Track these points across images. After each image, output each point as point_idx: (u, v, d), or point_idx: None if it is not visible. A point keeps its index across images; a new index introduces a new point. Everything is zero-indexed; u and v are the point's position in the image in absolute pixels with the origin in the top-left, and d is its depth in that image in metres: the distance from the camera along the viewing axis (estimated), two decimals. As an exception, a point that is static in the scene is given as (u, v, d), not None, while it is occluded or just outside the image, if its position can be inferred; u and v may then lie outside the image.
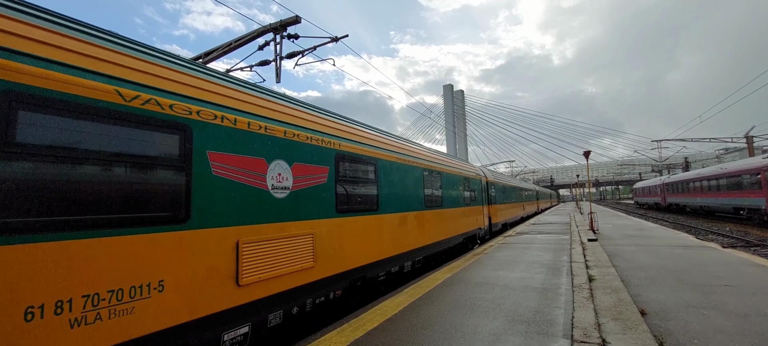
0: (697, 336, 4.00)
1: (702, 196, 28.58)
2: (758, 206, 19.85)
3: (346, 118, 6.48)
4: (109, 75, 2.82)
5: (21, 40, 2.42)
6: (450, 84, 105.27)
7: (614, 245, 11.18)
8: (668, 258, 8.56)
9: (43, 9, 2.87)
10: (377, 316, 4.64)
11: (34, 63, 2.42)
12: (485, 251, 10.00)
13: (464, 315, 4.58)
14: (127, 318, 2.68)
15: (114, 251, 2.65)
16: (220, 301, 3.39)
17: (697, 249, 9.69)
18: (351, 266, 5.42)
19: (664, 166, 58.30)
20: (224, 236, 3.48)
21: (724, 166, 25.57)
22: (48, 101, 2.44)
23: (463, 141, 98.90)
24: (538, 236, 13.67)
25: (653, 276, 6.84)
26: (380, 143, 6.90)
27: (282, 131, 4.38)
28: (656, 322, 4.47)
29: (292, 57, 10.45)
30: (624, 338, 3.68)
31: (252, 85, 4.70)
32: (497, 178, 18.77)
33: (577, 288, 5.67)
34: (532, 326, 4.09)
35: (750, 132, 33.63)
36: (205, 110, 3.47)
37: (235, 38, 10.19)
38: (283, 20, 9.79)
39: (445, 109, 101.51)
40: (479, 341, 3.75)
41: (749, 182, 20.99)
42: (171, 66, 3.49)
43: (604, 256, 8.79)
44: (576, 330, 3.92)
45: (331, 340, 3.87)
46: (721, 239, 15.75)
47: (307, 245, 4.51)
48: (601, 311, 4.57)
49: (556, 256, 8.85)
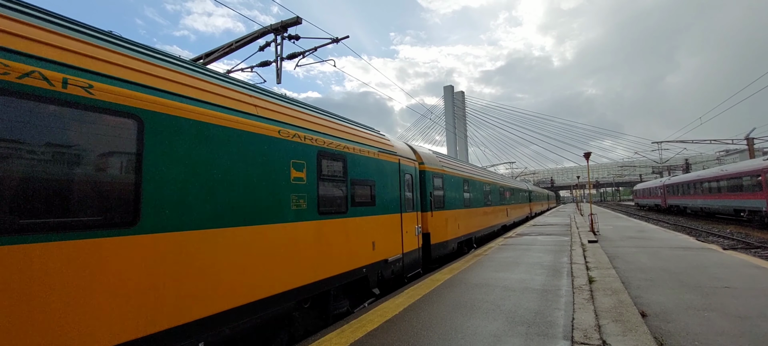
0: (698, 338, 4.00)
1: (702, 198, 28.55)
2: (759, 207, 19.82)
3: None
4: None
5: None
6: (450, 85, 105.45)
7: (614, 246, 11.17)
8: (669, 260, 8.55)
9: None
10: (377, 317, 4.64)
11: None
12: (485, 253, 9.99)
13: (464, 316, 4.57)
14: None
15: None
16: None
17: (697, 251, 9.68)
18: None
19: (665, 167, 58.27)
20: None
21: (724, 168, 25.56)
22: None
23: (464, 142, 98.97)
24: (539, 237, 13.66)
25: (654, 278, 6.83)
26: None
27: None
28: (657, 323, 4.46)
29: (292, 58, 10.47)
30: (624, 340, 3.67)
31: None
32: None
33: (578, 290, 5.67)
34: (532, 328, 4.09)
35: (750, 134, 33.65)
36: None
37: (235, 39, 10.22)
38: (284, 21, 9.81)
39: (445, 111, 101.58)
40: (479, 342, 3.75)
41: (750, 183, 20.97)
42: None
43: (604, 257, 8.79)
44: (576, 332, 3.92)
45: (332, 341, 3.87)
46: (721, 241, 15.73)
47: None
48: (602, 312, 4.57)
49: (556, 257, 8.85)
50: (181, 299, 3.08)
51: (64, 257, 2.42)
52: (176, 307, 3.04)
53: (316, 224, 4.82)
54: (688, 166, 52.08)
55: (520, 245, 11.56)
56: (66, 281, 2.42)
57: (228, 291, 3.50)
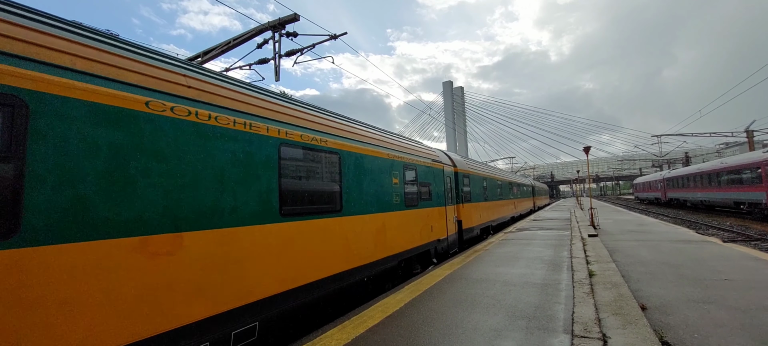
0: (698, 330, 4.01)
1: (702, 191, 28.58)
2: (758, 200, 19.85)
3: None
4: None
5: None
6: (449, 81, 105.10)
7: (614, 240, 11.19)
8: (669, 253, 8.57)
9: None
10: (378, 312, 4.66)
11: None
12: (486, 248, 10.01)
13: (465, 311, 4.59)
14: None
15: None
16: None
17: (697, 244, 9.70)
18: None
19: (665, 161, 58.26)
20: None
21: (724, 161, 25.56)
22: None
23: (463, 138, 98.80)
24: (539, 232, 13.68)
25: (654, 271, 6.85)
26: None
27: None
28: (657, 316, 4.48)
29: (290, 55, 10.43)
30: (624, 333, 3.68)
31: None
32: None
33: (578, 284, 5.68)
34: (532, 322, 4.10)
35: (750, 126, 33.60)
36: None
37: (233, 37, 10.16)
38: (281, 18, 9.76)
39: (444, 106, 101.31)
40: (480, 336, 3.76)
41: (749, 176, 20.99)
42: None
43: (604, 251, 8.81)
44: (576, 325, 3.93)
45: (333, 337, 3.88)
46: (721, 234, 15.77)
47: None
48: (602, 306, 4.58)
49: (556, 252, 8.87)
50: (380, 246, 6.21)
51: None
52: (385, 247, 6.38)
53: (404, 212, 7.41)
54: (688, 159, 52.06)
55: (521, 239, 11.58)
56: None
57: (389, 248, 6.64)
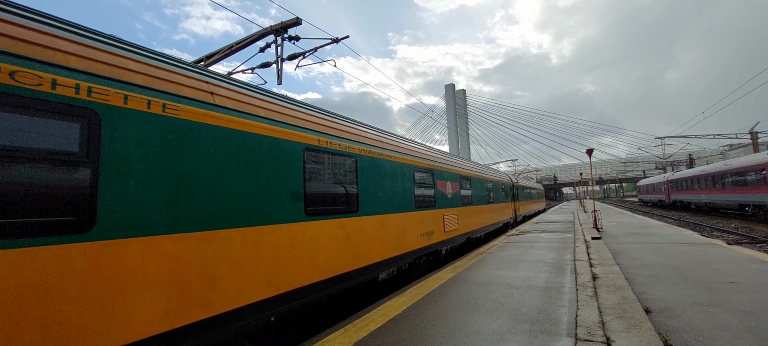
0: (702, 334, 3.98)
1: (706, 193, 28.37)
2: (763, 202, 19.69)
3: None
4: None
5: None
6: (452, 84, 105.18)
7: (618, 243, 11.13)
8: (673, 256, 8.51)
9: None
10: (380, 316, 4.65)
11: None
12: (489, 251, 9.98)
13: (468, 315, 4.58)
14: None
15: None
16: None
17: (701, 246, 9.63)
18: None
19: (668, 163, 57.93)
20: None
21: (728, 163, 25.38)
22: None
23: (466, 140, 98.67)
24: (542, 234, 13.63)
25: (658, 274, 6.80)
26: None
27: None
28: (661, 320, 4.45)
29: (293, 59, 10.49)
30: (628, 337, 3.66)
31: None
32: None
33: (581, 287, 5.65)
34: (535, 326, 4.09)
35: (754, 128, 33.35)
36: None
37: (236, 41, 10.25)
38: (284, 22, 9.83)
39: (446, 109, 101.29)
40: (483, 340, 3.75)
41: (754, 178, 20.83)
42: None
43: (607, 254, 8.76)
44: (580, 329, 3.91)
45: (335, 340, 3.88)
46: (726, 236, 15.63)
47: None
48: (605, 309, 4.55)
49: (559, 254, 8.82)
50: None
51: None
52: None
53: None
54: (692, 161, 51.73)
55: (523, 242, 11.54)
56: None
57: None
